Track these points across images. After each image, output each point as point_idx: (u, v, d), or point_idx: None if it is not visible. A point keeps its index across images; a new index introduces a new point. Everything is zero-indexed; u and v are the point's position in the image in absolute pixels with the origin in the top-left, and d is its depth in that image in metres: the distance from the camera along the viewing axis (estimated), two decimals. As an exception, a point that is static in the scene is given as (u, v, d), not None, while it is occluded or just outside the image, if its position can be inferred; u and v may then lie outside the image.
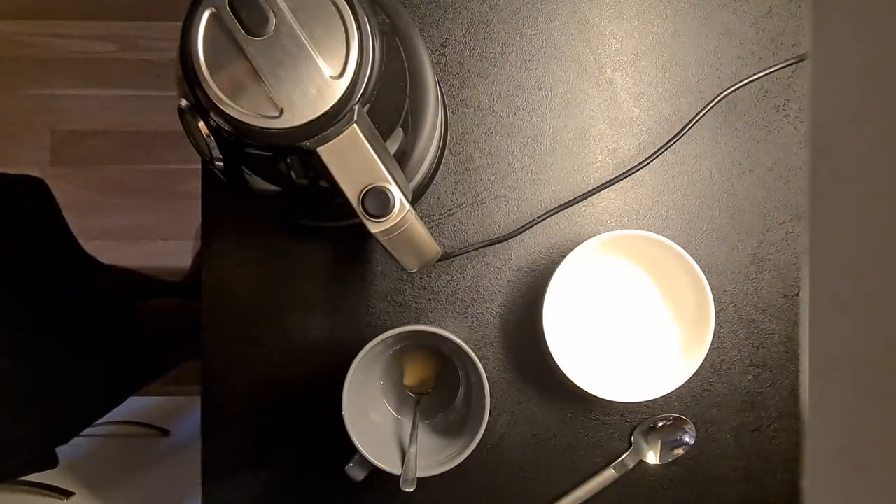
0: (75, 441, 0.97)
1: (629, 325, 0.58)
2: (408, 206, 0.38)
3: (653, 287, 0.58)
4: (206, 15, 0.36)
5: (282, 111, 0.36)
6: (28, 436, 0.76)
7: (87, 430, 0.97)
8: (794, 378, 0.60)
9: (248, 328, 0.60)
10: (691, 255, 0.53)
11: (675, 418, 0.59)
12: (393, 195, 0.38)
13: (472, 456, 0.51)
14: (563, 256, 0.54)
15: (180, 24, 0.36)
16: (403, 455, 0.54)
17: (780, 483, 0.60)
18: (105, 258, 1.11)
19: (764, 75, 0.58)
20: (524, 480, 0.61)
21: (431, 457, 0.54)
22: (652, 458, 0.59)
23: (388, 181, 0.38)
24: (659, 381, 0.55)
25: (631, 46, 0.61)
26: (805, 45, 0.60)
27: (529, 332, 0.60)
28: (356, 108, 0.37)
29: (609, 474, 0.59)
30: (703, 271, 0.53)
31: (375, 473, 0.53)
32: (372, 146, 0.37)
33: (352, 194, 0.38)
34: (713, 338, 0.53)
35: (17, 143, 1.46)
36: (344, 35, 0.37)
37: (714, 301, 0.53)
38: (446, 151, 0.60)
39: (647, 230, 0.55)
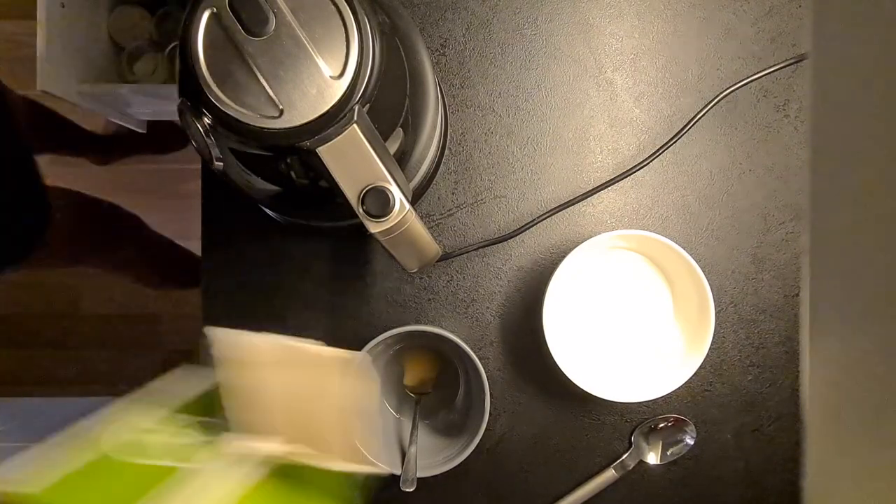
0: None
1: (629, 324, 0.58)
2: (408, 206, 0.38)
3: (653, 287, 0.58)
4: (206, 15, 0.36)
5: (282, 111, 0.36)
6: None
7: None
8: (794, 378, 0.60)
9: (248, 328, 0.60)
10: (691, 255, 0.53)
11: (676, 419, 0.59)
12: (393, 195, 0.38)
13: (471, 456, 0.51)
14: (563, 256, 0.54)
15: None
16: (403, 455, 0.54)
17: (780, 483, 0.60)
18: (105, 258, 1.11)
19: (764, 75, 0.58)
20: (524, 480, 0.61)
21: (431, 457, 0.54)
22: (652, 458, 0.59)
23: (388, 181, 0.38)
24: (659, 381, 0.55)
25: (631, 46, 0.61)
26: (805, 45, 0.60)
27: (529, 332, 0.60)
28: (356, 108, 0.37)
29: (609, 474, 0.59)
30: (703, 271, 0.53)
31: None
32: (372, 146, 0.37)
33: (352, 194, 0.38)
34: (713, 338, 0.53)
35: (17, 143, 1.46)
36: (344, 35, 0.37)
37: (714, 301, 0.53)
38: (446, 151, 0.60)
39: (647, 230, 0.55)
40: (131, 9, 1.25)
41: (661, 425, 0.60)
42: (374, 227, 0.38)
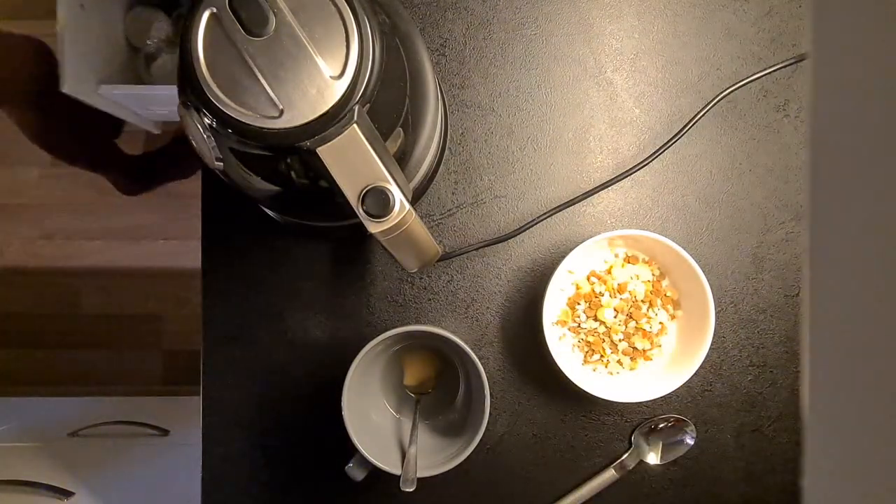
0: (75, 441, 0.97)
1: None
2: (408, 206, 0.38)
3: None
4: (206, 15, 0.36)
5: (282, 111, 0.36)
6: None
7: (88, 431, 0.97)
8: (794, 378, 0.60)
9: (248, 328, 0.60)
10: (691, 255, 0.53)
11: (676, 419, 0.59)
12: (393, 195, 0.38)
13: (472, 456, 0.51)
14: (563, 256, 0.54)
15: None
16: (403, 455, 0.54)
17: (780, 483, 0.60)
18: (105, 258, 1.11)
19: (764, 75, 0.58)
20: (524, 480, 0.61)
21: (431, 457, 0.54)
22: (653, 458, 0.59)
23: (388, 181, 0.38)
24: (659, 381, 0.55)
25: (631, 46, 0.61)
26: (805, 45, 0.60)
27: (529, 332, 0.60)
28: (356, 108, 0.37)
29: (609, 474, 0.59)
30: (703, 271, 0.53)
31: (375, 473, 0.53)
32: (372, 146, 0.37)
33: (352, 194, 0.38)
34: (713, 338, 0.53)
35: (18, 143, 1.46)
36: (344, 35, 0.37)
37: (714, 301, 0.53)
38: (446, 151, 0.60)
39: (647, 230, 0.55)
40: (147, 10, 1.25)
41: (661, 425, 0.60)
42: (374, 228, 0.38)
